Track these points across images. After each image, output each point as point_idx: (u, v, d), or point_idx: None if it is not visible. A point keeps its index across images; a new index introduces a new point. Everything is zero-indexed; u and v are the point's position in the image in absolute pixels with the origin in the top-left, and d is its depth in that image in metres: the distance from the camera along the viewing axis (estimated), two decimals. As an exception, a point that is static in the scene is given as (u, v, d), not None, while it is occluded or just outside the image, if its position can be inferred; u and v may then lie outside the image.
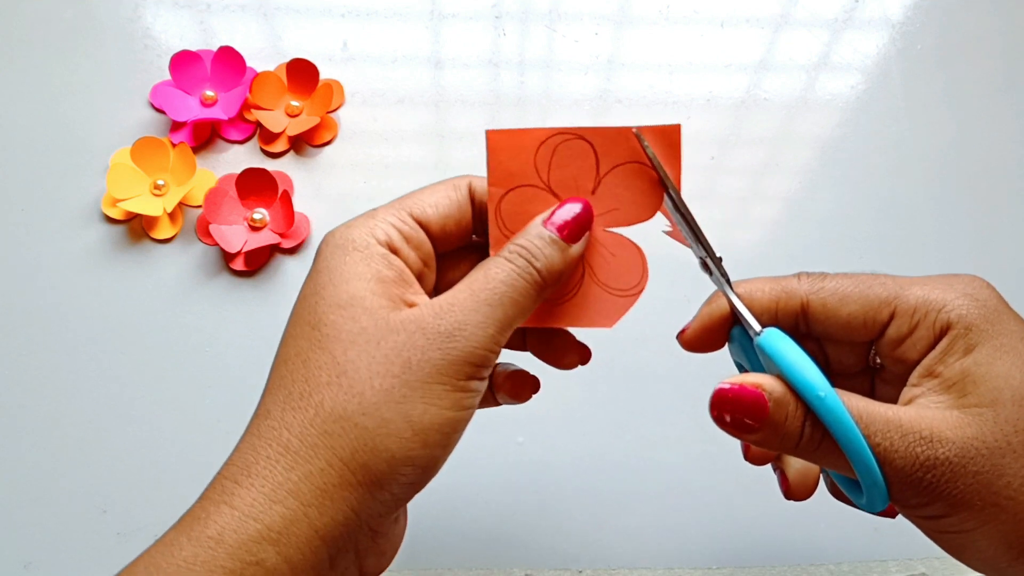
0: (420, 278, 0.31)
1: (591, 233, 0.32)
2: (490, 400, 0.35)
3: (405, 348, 0.27)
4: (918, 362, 0.28)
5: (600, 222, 0.32)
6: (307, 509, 0.26)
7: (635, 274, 0.32)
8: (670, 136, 0.31)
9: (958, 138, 0.58)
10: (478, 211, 0.32)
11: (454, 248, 0.33)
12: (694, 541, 0.47)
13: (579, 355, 0.34)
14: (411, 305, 0.29)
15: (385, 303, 0.28)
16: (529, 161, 0.31)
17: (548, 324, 0.33)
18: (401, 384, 0.27)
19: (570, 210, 0.31)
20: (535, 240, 0.30)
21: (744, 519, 0.47)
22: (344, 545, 0.27)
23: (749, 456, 0.34)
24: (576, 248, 0.31)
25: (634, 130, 0.31)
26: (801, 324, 0.30)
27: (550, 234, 0.30)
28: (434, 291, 0.32)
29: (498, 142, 0.31)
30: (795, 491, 0.33)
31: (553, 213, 0.31)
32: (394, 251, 0.30)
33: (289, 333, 0.29)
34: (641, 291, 0.33)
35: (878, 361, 0.31)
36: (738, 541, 0.47)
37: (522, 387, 0.34)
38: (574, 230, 0.30)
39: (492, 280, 0.29)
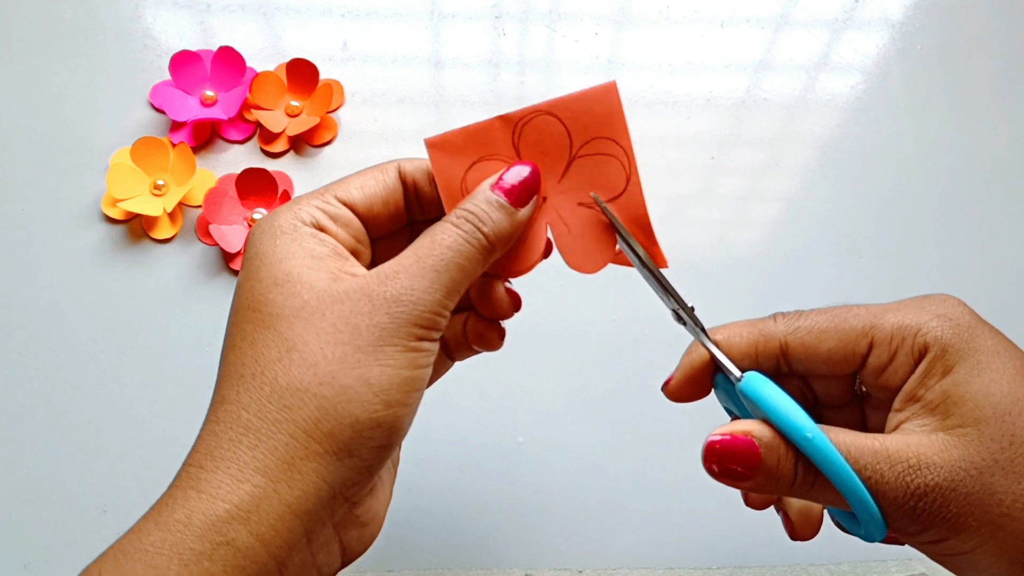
0: (355, 255, 0.31)
1: (547, 201, 0.31)
2: (445, 363, 0.35)
3: (352, 315, 0.27)
4: (902, 387, 0.29)
5: (573, 197, 0.32)
6: (276, 484, 0.26)
7: (600, 259, 0.32)
8: (608, 97, 0.30)
9: (958, 138, 0.58)
10: (413, 194, 0.32)
11: (388, 231, 0.33)
12: (694, 541, 0.47)
13: (513, 303, 0.34)
14: (352, 276, 0.29)
15: (323, 276, 0.28)
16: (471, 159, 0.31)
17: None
18: (354, 350, 0.27)
19: (518, 173, 0.30)
20: (482, 204, 0.30)
21: (744, 519, 0.47)
22: (319, 518, 0.27)
23: (749, 502, 0.34)
24: (524, 212, 0.30)
25: (592, 194, 0.31)
26: (783, 364, 0.30)
27: (497, 198, 0.30)
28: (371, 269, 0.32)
29: (438, 151, 0.31)
30: (800, 531, 0.33)
31: (501, 177, 0.30)
32: (322, 230, 0.30)
33: (231, 321, 0.29)
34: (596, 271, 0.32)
35: (864, 389, 0.31)
36: (738, 541, 0.47)
37: (489, 333, 0.34)
38: (522, 194, 0.30)
39: (439, 245, 0.29)
